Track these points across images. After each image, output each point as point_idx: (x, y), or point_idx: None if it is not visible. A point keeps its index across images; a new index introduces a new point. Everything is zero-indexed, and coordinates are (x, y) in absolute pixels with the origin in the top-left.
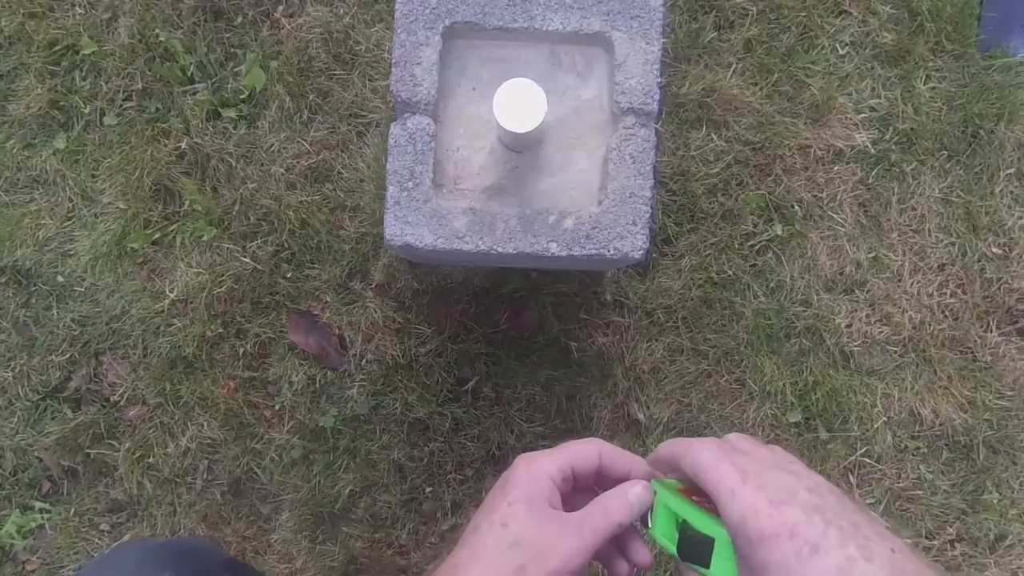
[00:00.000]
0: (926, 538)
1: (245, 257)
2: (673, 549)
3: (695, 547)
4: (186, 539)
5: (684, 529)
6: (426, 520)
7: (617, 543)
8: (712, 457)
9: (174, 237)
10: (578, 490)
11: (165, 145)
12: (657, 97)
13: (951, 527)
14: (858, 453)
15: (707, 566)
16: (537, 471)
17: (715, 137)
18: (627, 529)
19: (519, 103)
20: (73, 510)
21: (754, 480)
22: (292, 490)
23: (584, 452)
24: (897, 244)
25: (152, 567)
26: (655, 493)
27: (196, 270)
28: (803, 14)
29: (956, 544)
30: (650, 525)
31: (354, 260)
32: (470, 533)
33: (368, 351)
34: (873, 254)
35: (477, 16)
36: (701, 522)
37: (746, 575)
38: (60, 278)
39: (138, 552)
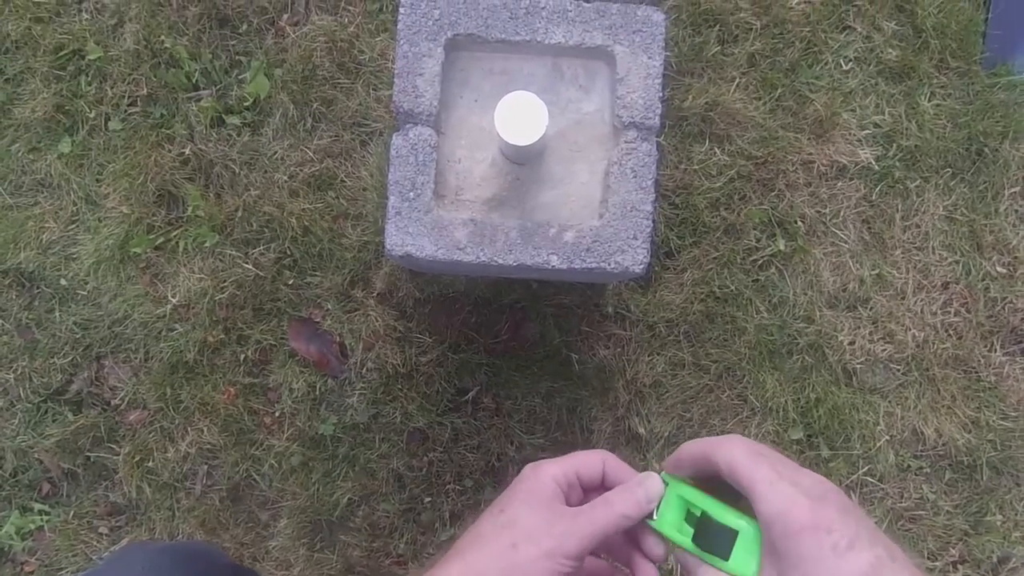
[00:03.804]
0: (928, 559)
1: (247, 263)
2: (683, 540)
3: (715, 539)
4: (191, 543)
5: (703, 521)
6: (424, 530)
7: (633, 542)
8: (745, 452)
9: (177, 242)
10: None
11: (169, 151)
12: (659, 111)
13: (953, 548)
14: (860, 472)
15: (726, 558)
16: (542, 474)
17: (718, 151)
18: (641, 527)
19: (521, 116)
20: (72, 512)
21: (789, 476)
22: (291, 497)
23: (588, 461)
24: (901, 261)
25: (159, 570)
26: (666, 486)
27: (198, 276)
28: (807, 29)
29: (958, 566)
30: (654, 518)
31: (356, 268)
32: (473, 525)
33: (369, 359)
34: (876, 271)
35: (480, 28)
36: (723, 515)
37: (772, 566)
38: (63, 281)
39: (144, 555)
